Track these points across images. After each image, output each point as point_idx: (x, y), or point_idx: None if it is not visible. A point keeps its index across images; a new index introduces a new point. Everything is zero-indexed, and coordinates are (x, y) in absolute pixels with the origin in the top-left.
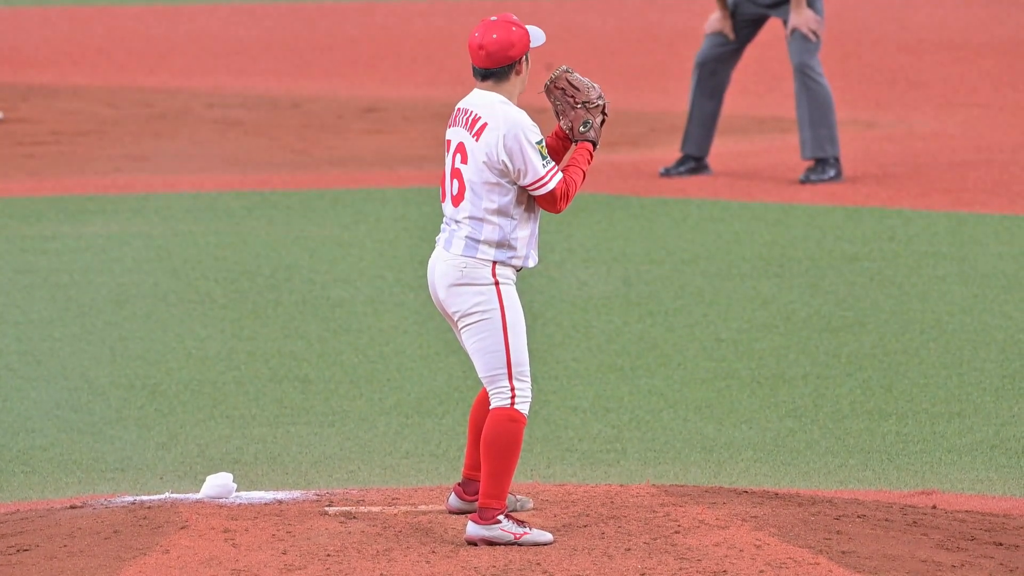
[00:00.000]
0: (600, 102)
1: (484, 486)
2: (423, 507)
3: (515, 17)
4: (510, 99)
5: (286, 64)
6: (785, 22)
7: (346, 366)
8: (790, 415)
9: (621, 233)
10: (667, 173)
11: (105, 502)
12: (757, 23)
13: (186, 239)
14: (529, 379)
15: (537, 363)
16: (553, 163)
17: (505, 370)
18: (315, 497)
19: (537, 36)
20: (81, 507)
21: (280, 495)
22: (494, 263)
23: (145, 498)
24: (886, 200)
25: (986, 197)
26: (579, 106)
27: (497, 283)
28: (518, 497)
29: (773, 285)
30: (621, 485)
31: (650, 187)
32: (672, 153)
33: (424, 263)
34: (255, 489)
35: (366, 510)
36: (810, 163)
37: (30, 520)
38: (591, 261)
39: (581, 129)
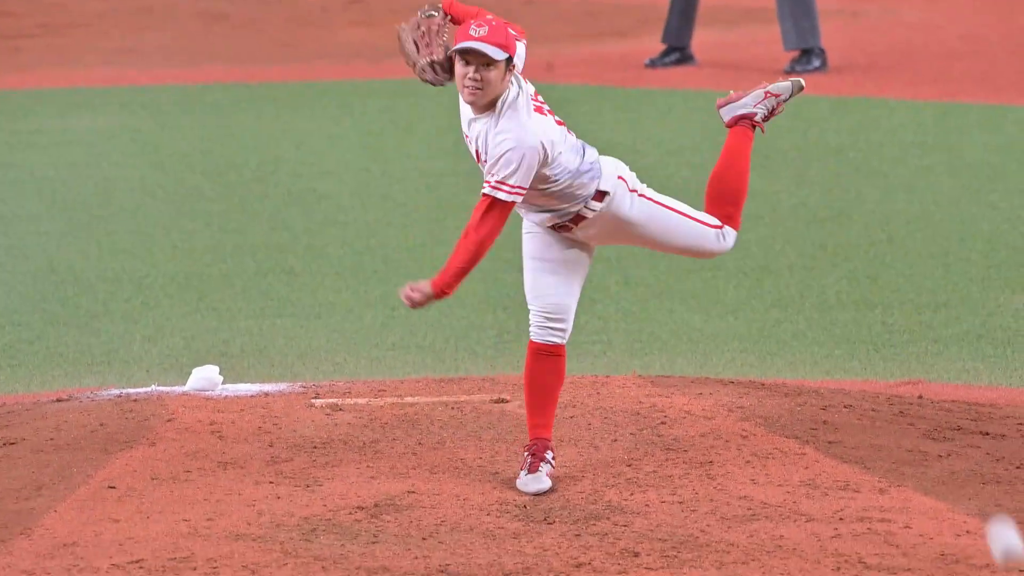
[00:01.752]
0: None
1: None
2: (409, 399)
3: (478, 26)
4: None
5: None
6: None
7: (332, 259)
8: (776, 306)
9: (607, 124)
10: (652, 64)
11: (91, 395)
12: None
13: (173, 133)
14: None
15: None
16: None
17: None
18: (301, 389)
19: (458, 46)
20: (67, 400)
21: (266, 387)
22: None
23: (131, 391)
24: (872, 90)
25: (972, 87)
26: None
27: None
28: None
29: (759, 176)
30: (607, 376)
31: (636, 78)
32: (656, 44)
33: (410, 156)
34: (241, 382)
35: (352, 402)
36: (794, 54)
37: (16, 413)
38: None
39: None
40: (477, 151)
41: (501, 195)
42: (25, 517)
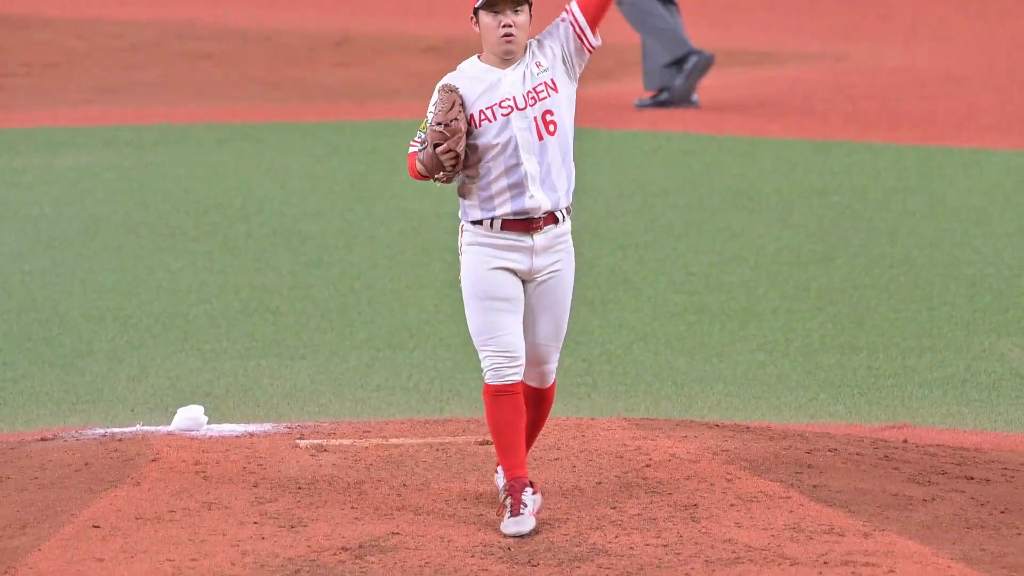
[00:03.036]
0: (439, 128)
1: None
2: (394, 440)
3: None
4: (485, 56)
5: None
6: None
7: (317, 299)
8: (761, 349)
9: (591, 166)
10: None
11: (76, 434)
12: None
13: (157, 171)
14: (496, 345)
15: None
16: (419, 136)
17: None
18: (286, 430)
19: None
20: (52, 439)
21: (251, 428)
22: (461, 226)
23: (116, 430)
24: (855, 134)
25: (954, 131)
26: (435, 125)
27: (461, 250)
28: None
29: (743, 218)
30: (592, 418)
31: (620, 120)
32: (640, 86)
33: (395, 196)
34: (226, 422)
35: (337, 443)
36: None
37: (1, 452)
38: None
39: (421, 144)
40: (528, 93)
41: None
42: (9, 556)
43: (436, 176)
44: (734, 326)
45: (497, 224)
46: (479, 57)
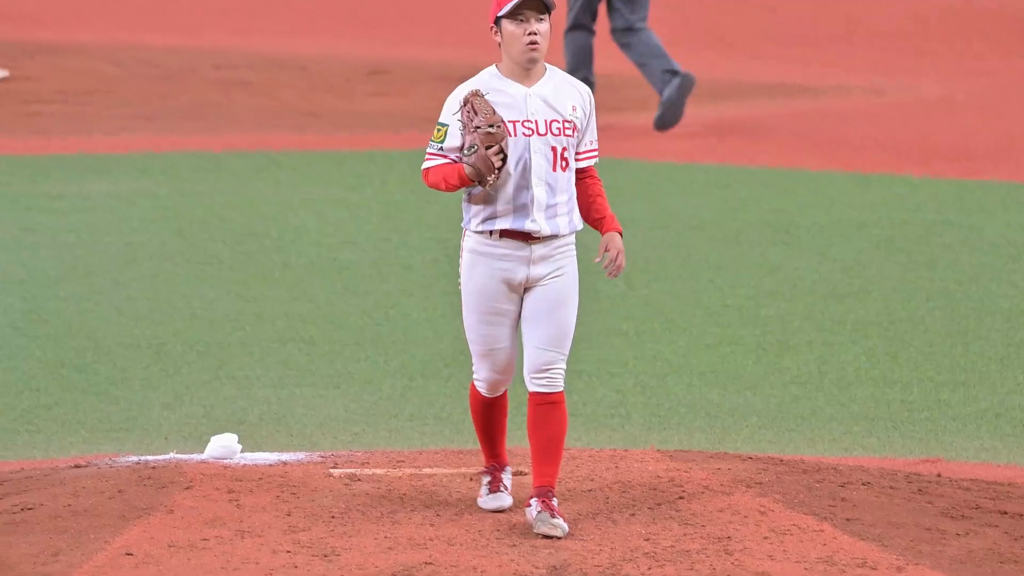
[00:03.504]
0: (493, 129)
1: None
2: (427, 470)
3: None
4: (504, 66)
5: (292, 25)
6: None
7: (351, 328)
8: (795, 382)
9: (627, 198)
10: (663, 120)
11: (110, 461)
12: None
13: (192, 199)
14: (490, 360)
15: None
16: (434, 148)
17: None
18: (320, 459)
19: (511, 4)
20: (85, 466)
21: (285, 456)
22: (464, 230)
23: (150, 458)
24: (892, 167)
25: (992, 165)
26: (475, 130)
27: (462, 254)
28: (550, 519)
29: (779, 251)
30: (626, 450)
31: (656, 151)
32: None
33: (430, 225)
34: (260, 450)
35: (370, 472)
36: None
37: (35, 479)
38: None
39: (465, 151)
40: (552, 122)
41: (424, 164)
42: None
43: (488, 179)
44: (769, 359)
45: (496, 233)
46: (498, 68)
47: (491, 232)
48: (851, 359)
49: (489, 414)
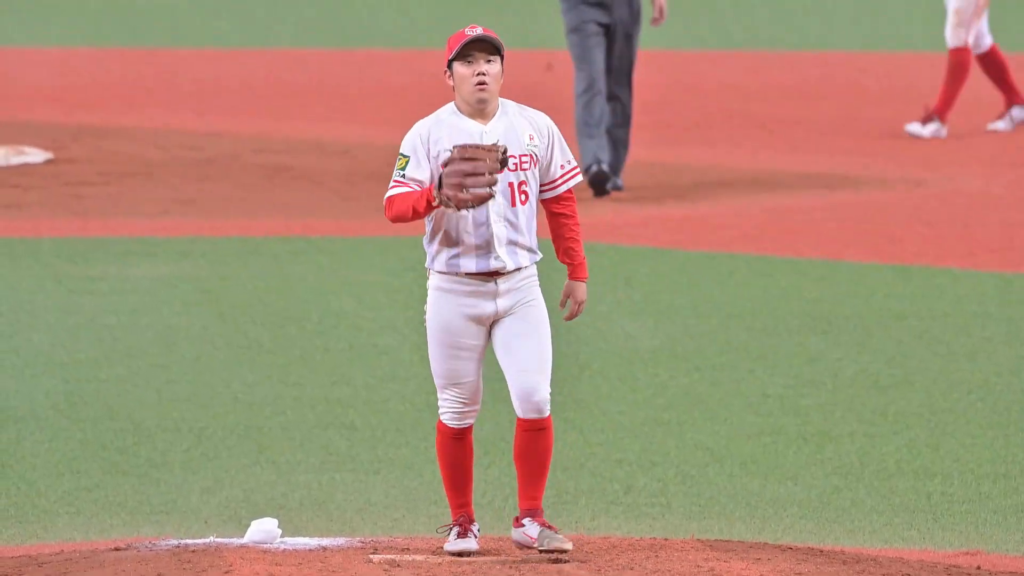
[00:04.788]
0: (502, 156)
1: None
2: (467, 557)
3: (472, 29)
4: (460, 106)
5: (334, 110)
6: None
7: (392, 414)
8: (836, 472)
9: (668, 287)
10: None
11: (149, 545)
12: None
13: (233, 283)
14: (456, 393)
15: (583, 415)
16: (397, 176)
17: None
18: (359, 544)
19: (460, 47)
20: (125, 549)
21: (324, 542)
22: (428, 271)
23: (189, 542)
24: (934, 259)
25: None
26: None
27: (428, 291)
28: (555, 535)
29: (820, 342)
30: (666, 539)
31: (696, 241)
32: (718, 207)
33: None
34: (300, 535)
35: (410, 558)
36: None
37: (74, 561)
38: (638, 314)
39: (399, 177)
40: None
41: (388, 193)
42: None
43: (471, 205)
44: (810, 449)
45: (461, 272)
46: (456, 105)
47: (455, 273)
48: (892, 450)
49: (456, 451)
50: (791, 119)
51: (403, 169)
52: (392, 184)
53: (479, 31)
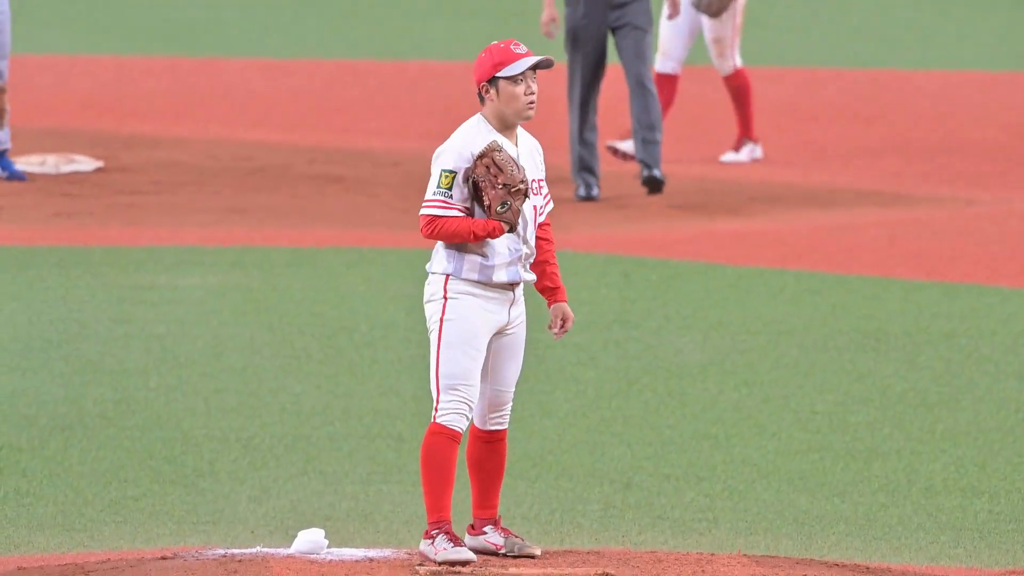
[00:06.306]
0: (522, 187)
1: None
2: (513, 570)
3: (507, 44)
4: (492, 120)
5: (388, 123)
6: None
7: None
8: (883, 490)
9: (717, 302)
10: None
11: (196, 554)
12: None
13: (283, 294)
14: (465, 393)
15: (631, 429)
16: (443, 195)
17: (434, 382)
18: (406, 556)
19: (515, 66)
20: (172, 558)
21: (371, 553)
22: (447, 277)
23: (236, 551)
24: (984, 278)
25: None
26: (500, 187)
27: (446, 297)
28: (523, 542)
29: (869, 359)
30: (712, 554)
31: (747, 256)
32: (769, 223)
33: None
34: (346, 546)
35: (456, 571)
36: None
37: (121, 570)
38: (687, 329)
39: (499, 209)
40: (534, 181)
41: (425, 211)
42: None
43: (517, 230)
44: (857, 466)
45: (493, 282)
46: (487, 120)
47: (487, 282)
48: (939, 468)
49: (444, 455)
50: (844, 138)
51: (449, 189)
52: (436, 203)
53: (524, 49)
